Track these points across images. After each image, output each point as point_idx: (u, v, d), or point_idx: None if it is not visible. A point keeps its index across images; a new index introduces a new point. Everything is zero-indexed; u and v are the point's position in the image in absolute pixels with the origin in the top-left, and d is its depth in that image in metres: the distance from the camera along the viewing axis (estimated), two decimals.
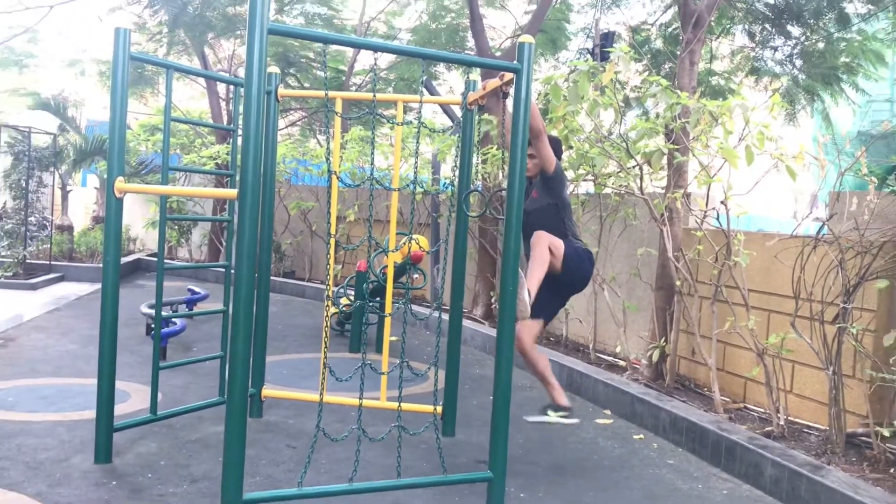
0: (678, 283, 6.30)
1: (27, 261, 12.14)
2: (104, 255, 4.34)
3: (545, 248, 4.57)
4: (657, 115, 6.09)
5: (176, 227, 15.24)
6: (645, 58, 10.84)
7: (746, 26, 10.67)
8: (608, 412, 6.07)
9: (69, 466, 4.21)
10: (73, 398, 5.56)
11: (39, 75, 20.04)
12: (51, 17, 15.01)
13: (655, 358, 6.38)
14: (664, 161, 6.16)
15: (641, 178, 6.37)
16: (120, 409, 5.02)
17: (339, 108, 5.26)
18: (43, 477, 4.02)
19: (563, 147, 6.60)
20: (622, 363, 7.08)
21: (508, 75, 4.10)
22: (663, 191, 6.52)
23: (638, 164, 6.30)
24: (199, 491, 3.96)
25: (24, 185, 12.22)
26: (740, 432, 4.90)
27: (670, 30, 11.31)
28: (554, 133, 6.14)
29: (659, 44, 11.51)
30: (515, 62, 3.85)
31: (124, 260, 14.00)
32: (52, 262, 12.84)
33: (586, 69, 5.59)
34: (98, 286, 12.12)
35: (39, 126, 13.79)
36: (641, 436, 5.49)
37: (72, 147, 14.33)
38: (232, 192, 3.65)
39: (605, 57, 8.22)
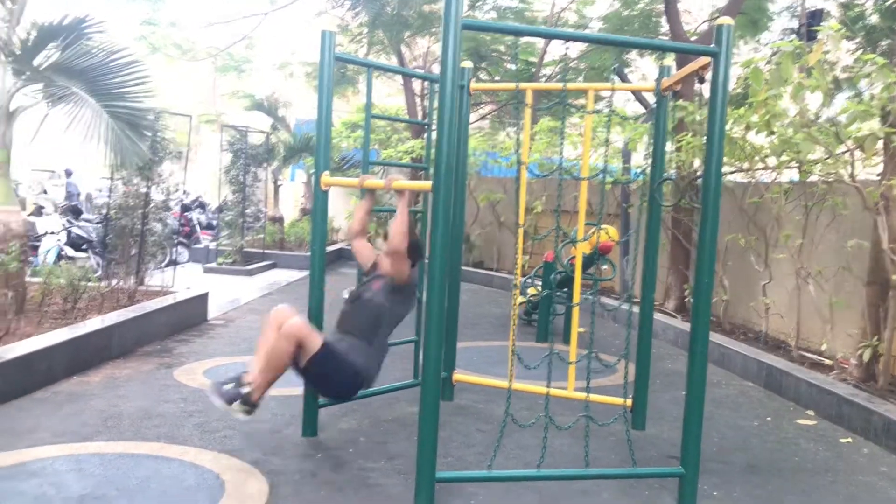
0: (894, 277, 5.79)
1: (244, 249, 13.25)
2: (311, 243, 4.67)
3: (294, 328, 4.06)
4: (872, 97, 5.62)
5: (375, 218, 15.98)
6: (858, 35, 10.01)
7: None
8: (811, 413, 5.72)
9: (281, 438, 4.59)
10: (283, 375, 6.01)
11: (255, 78, 21.73)
12: (264, 23, 16.26)
13: (866, 357, 5.91)
14: (879, 146, 5.69)
15: (853, 165, 5.92)
16: None
17: (529, 99, 5.31)
18: (258, 446, 4.41)
19: (765, 133, 6.27)
20: (828, 362, 6.63)
21: (702, 60, 3.97)
22: (878, 178, 6.02)
23: (849, 150, 5.85)
24: (395, 468, 4.17)
25: (241, 180, 13.32)
26: None
27: (888, 3, 10.35)
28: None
29: (875, 19, 10.57)
30: (713, 45, 3.72)
31: (328, 249, 14.90)
32: (265, 251, 13.92)
33: (791, 50, 5.28)
34: (305, 273, 12.96)
35: (254, 125, 14.97)
36: (849, 439, 5.13)
37: (282, 144, 15.45)
38: (426, 184, 3.80)
39: (811, 36, 7.69)
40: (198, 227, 15.62)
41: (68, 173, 17.46)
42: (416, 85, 16.23)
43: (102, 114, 6.20)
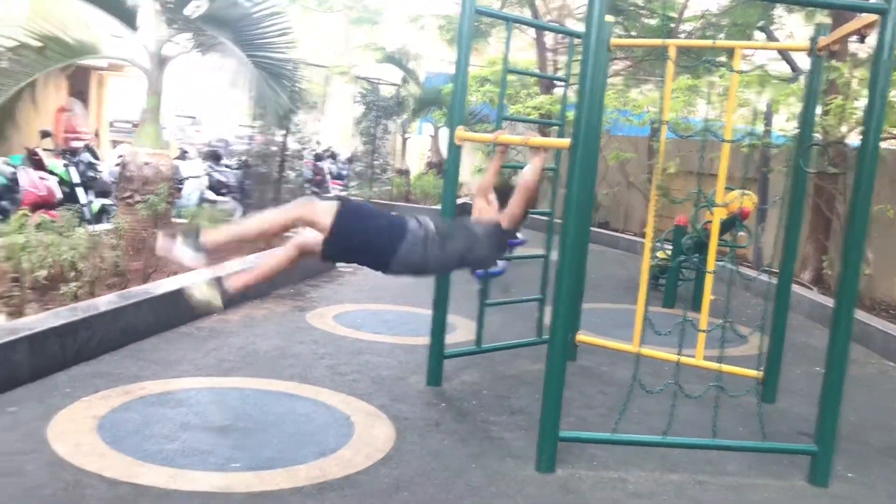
0: None
1: (372, 200, 13.55)
2: (443, 197, 4.72)
3: None
4: None
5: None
6: None
7: None
8: None
9: (406, 385, 4.72)
10: (407, 324, 6.19)
11: (387, 31, 21.91)
12: None
13: None
14: None
15: None
16: (447, 339, 5.47)
17: (672, 55, 5.11)
18: (385, 392, 4.55)
19: None
20: None
21: (866, 18, 3.70)
22: None
23: None
24: (517, 423, 4.22)
25: (371, 132, 13.57)
26: None
27: None
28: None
29: None
30: (880, 1, 3.46)
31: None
32: (392, 202, 14.18)
33: None
34: None
35: (385, 78, 15.15)
36: None
37: (412, 98, 15.58)
38: (564, 142, 3.75)
39: None
40: (328, 177, 16.05)
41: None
42: (549, 39, 15.94)
43: (247, 63, 6.42)
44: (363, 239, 3.68)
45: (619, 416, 3.77)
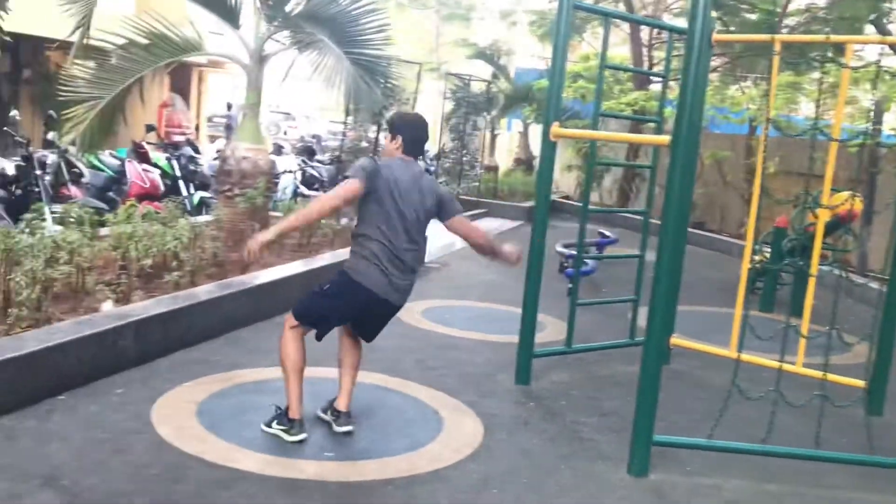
0: None
1: (460, 196, 13.59)
2: (537, 193, 4.68)
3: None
4: None
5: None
6: None
7: None
8: None
9: (494, 382, 4.71)
10: (495, 322, 6.17)
11: (478, 27, 21.98)
12: None
13: None
14: None
15: None
16: (537, 338, 5.43)
17: (777, 49, 4.93)
18: (473, 388, 4.56)
19: None
20: None
21: None
22: None
23: None
24: (608, 425, 4.16)
25: (461, 128, 13.60)
26: None
27: None
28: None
29: None
30: None
31: None
32: (479, 199, 14.19)
33: None
34: (516, 223, 13.06)
35: (475, 74, 15.16)
36: None
37: (502, 94, 15.55)
38: (663, 139, 3.67)
39: None
40: None
41: (229, 106, 18.31)
42: (643, 34, 15.64)
43: (344, 60, 6.51)
44: (333, 309, 3.82)
45: (715, 422, 3.66)
